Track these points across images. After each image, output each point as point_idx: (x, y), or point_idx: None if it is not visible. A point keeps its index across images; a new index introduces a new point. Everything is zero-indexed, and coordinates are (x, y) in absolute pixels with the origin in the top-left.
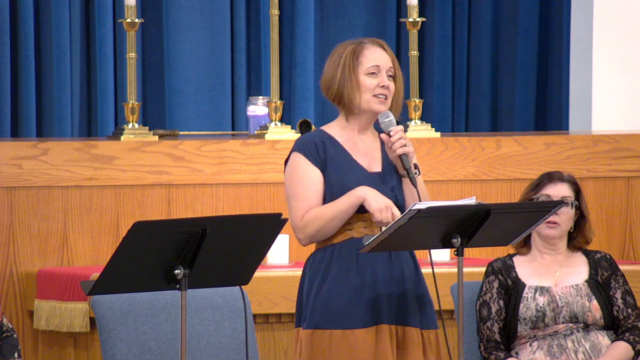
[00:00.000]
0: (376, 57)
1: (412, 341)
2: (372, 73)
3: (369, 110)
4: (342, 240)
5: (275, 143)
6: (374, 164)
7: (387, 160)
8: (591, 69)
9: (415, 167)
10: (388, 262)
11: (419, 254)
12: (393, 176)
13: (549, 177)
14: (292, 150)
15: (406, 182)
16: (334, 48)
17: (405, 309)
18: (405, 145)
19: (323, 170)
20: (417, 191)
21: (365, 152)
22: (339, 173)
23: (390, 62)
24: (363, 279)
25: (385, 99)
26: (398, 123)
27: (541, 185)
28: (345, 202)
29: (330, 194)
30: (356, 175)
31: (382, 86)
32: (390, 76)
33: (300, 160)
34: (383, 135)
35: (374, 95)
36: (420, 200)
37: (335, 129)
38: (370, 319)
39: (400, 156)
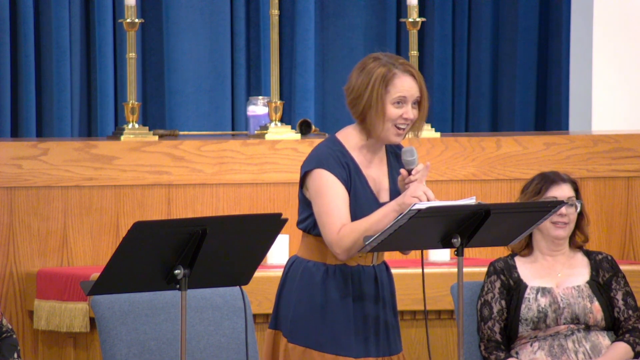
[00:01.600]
0: (404, 88)
1: None
2: (398, 102)
3: (386, 140)
4: (335, 264)
5: (275, 143)
6: (382, 193)
7: (394, 190)
8: (591, 69)
9: None
10: (374, 288)
11: (417, 254)
12: None
13: (549, 179)
14: (314, 166)
15: None
16: (365, 59)
17: (389, 338)
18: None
19: (348, 192)
20: None
21: (375, 177)
22: (358, 205)
23: (417, 92)
24: (356, 307)
25: (404, 129)
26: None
27: (544, 190)
28: (379, 213)
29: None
30: (370, 207)
31: (405, 118)
32: (415, 103)
33: (328, 177)
34: (403, 171)
35: (395, 126)
36: None
37: (353, 147)
38: (361, 350)
39: None
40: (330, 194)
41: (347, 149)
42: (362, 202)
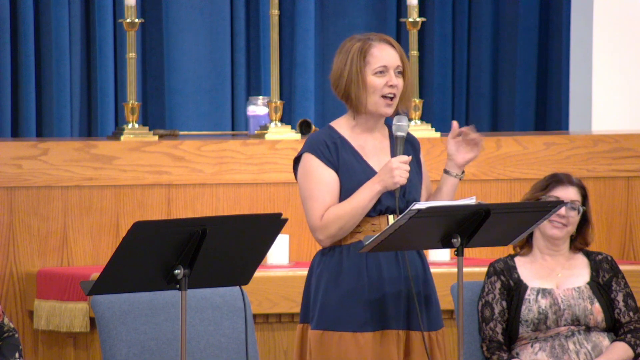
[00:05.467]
0: (383, 57)
1: (417, 346)
2: (380, 72)
3: (376, 113)
4: (351, 242)
5: (275, 143)
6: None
7: None
8: (591, 69)
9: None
10: (395, 264)
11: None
12: None
13: (558, 180)
14: (303, 151)
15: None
16: (343, 42)
17: (412, 312)
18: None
19: (337, 172)
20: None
21: (375, 152)
22: (351, 177)
23: (397, 60)
24: (371, 282)
25: (392, 99)
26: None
27: (550, 187)
28: (364, 197)
29: (344, 197)
30: (367, 178)
31: (390, 85)
32: (399, 72)
33: (312, 161)
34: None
35: (382, 97)
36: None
37: (345, 128)
38: (378, 323)
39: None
40: (315, 178)
41: (337, 130)
42: (357, 172)
